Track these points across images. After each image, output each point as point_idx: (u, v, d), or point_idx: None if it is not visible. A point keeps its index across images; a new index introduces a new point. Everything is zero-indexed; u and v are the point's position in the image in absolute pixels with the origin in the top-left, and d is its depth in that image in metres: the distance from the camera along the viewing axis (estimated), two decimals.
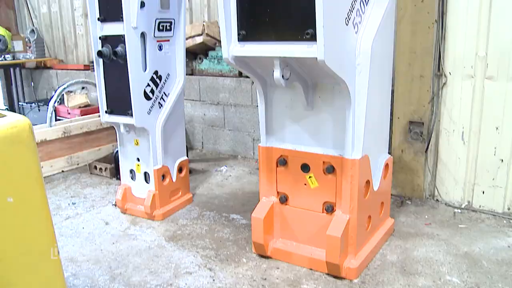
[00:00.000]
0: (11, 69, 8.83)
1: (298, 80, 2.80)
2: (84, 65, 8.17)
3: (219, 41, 5.59)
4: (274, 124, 3.17)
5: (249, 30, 2.65)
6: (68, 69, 8.49)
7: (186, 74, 4.26)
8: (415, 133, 4.29)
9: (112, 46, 3.74)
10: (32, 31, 8.82)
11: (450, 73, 4.11)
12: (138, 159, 4.12)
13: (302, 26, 2.44)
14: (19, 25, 9.75)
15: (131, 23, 3.56)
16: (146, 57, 3.78)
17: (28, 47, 8.97)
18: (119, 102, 3.90)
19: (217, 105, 5.91)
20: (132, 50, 3.63)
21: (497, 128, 3.97)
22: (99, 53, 3.76)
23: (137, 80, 3.74)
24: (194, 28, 5.64)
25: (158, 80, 3.91)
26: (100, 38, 3.81)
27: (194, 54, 5.92)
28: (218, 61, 5.65)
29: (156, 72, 3.87)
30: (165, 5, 3.80)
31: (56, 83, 8.67)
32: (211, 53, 5.76)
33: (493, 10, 3.84)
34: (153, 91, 3.89)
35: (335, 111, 2.93)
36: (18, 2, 9.59)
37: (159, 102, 3.97)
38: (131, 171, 4.22)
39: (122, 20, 3.57)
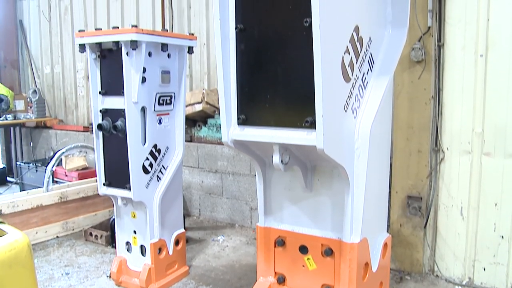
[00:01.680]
0: (11, 128, 8.90)
1: (297, 164, 2.80)
2: (84, 127, 8.22)
3: (218, 109, 5.65)
4: (272, 205, 3.15)
5: (249, 114, 2.68)
6: (67, 130, 8.54)
7: (185, 141, 4.28)
8: (414, 208, 4.27)
9: (113, 119, 3.77)
10: (34, 91, 8.94)
11: (447, 148, 4.14)
12: (135, 232, 4.07)
13: (302, 114, 2.47)
14: (22, 84, 9.90)
15: (132, 98, 3.61)
16: (145, 131, 3.81)
17: (29, 107, 9.07)
18: (117, 175, 3.89)
19: (215, 173, 5.91)
20: (132, 124, 3.66)
21: (496, 204, 3.96)
22: (99, 127, 3.79)
23: (136, 154, 3.75)
24: (194, 95, 5.72)
25: (157, 154, 3.92)
26: (100, 111, 3.85)
27: (193, 121, 5.98)
28: (217, 129, 5.70)
29: (155, 146, 3.89)
30: (166, 80, 3.86)
31: (55, 143, 8.70)
32: (210, 120, 5.81)
33: (487, 87, 3.92)
34: (152, 164, 3.90)
35: (333, 193, 2.92)
36: (23, 62, 9.77)
37: (157, 176, 3.97)
38: (127, 243, 4.16)
39: (123, 95, 3.62)
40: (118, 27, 3.61)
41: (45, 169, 6.03)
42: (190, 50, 4.02)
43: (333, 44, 2.44)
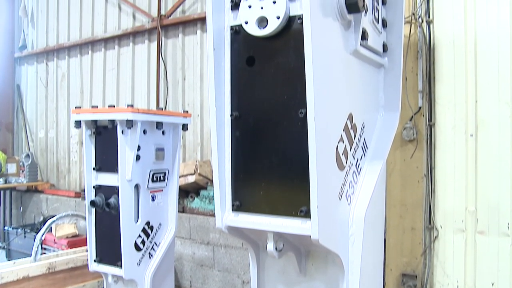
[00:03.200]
0: (1, 192, 8.82)
1: (291, 249, 2.78)
2: (76, 192, 8.16)
3: (211, 181, 5.65)
4: None
5: (243, 201, 2.68)
6: (59, 195, 8.46)
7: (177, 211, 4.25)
8: (409, 286, 4.21)
9: (106, 196, 3.76)
10: (27, 155, 8.92)
11: (441, 226, 4.13)
12: None
13: (296, 202, 2.47)
14: (15, 147, 9.91)
15: (126, 175, 3.61)
16: (138, 208, 3.79)
17: (21, 171, 9.02)
18: (108, 251, 3.84)
19: (207, 245, 5.83)
20: (125, 202, 3.65)
21: (493, 284, 3.91)
22: (92, 203, 3.77)
23: (129, 232, 3.71)
24: (186, 167, 5.73)
25: (149, 231, 3.89)
26: (94, 187, 3.84)
27: (186, 192, 5.96)
28: (209, 201, 5.67)
29: (148, 223, 3.87)
30: (160, 157, 3.89)
31: (45, 208, 8.60)
32: (202, 192, 5.80)
33: (479, 166, 3.97)
34: (144, 242, 3.85)
35: (328, 279, 2.87)
36: (18, 125, 9.83)
37: (149, 253, 3.92)
38: None
39: (117, 172, 3.63)
40: (114, 106, 3.69)
41: (34, 236, 5.93)
42: (185, 127, 4.07)
43: (327, 134, 2.48)
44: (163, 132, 3.90)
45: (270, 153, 2.57)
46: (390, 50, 3.23)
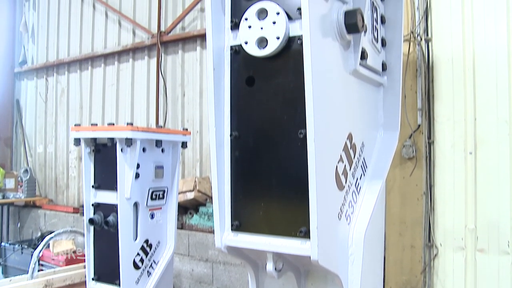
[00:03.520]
0: None
1: (290, 269, 2.76)
2: (74, 208, 8.13)
3: (210, 197, 5.64)
4: None
5: (242, 221, 2.66)
6: (57, 210, 8.43)
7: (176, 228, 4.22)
8: None
9: (104, 214, 3.75)
10: (26, 170, 8.90)
11: (441, 244, 4.12)
12: None
13: (296, 223, 2.46)
14: (14, 162, 9.90)
15: (125, 193, 3.60)
16: (137, 226, 3.77)
17: (19, 186, 8.99)
18: (107, 269, 3.82)
19: (206, 262, 5.80)
20: (124, 220, 3.64)
21: None
22: (91, 221, 3.75)
23: (127, 250, 3.69)
24: (185, 183, 5.72)
25: (148, 249, 3.87)
26: (92, 205, 3.83)
27: (185, 208, 5.94)
28: (208, 218, 5.65)
29: (146, 241, 3.85)
30: (159, 175, 3.88)
31: (43, 224, 8.56)
32: (201, 208, 5.78)
33: (478, 184, 3.97)
34: (143, 260, 3.83)
35: None
36: (17, 140, 9.83)
37: (148, 271, 3.89)
38: None
39: (116, 190, 3.62)
40: (113, 124, 3.68)
41: (31, 252, 5.89)
42: (184, 145, 4.07)
43: (327, 154, 2.48)
44: (162, 150, 3.90)
45: (270, 173, 2.57)
46: (390, 69, 3.24)
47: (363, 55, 2.78)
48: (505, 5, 3.99)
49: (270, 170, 2.57)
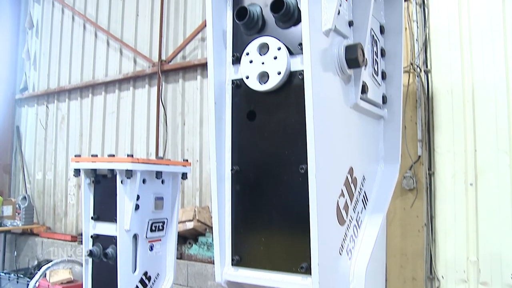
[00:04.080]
0: None
1: None
2: (72, 236, 8.05)
3: (210, 227, 5.60)
4: None
5: (243, 256, 2.63)
6: (54, 239, 8.35)
7: None
8: None
9: (103, 246, 3.71)
10: (24, 198, 8.85)
11: (442, 276, 4.08)
12: None
13: (297, 258, 2.43)
14: (12, 188, 9.87)
15: (124, 225, 3.57)
16: (136, 258, 3.73)
17: (17, 213, 8.93)
18: None
19: None
20: (123, 252, 3.59)
21: None
22: (89, 253, 3.71)
23: (126, 283, 3.63)
24: (185, 213, 5.69)
25: (147, 281, 3.81)
26: (91, 236, 3.79)
27: (184, 238, 5.89)
28: (207, 248, 5.61)
29: (145, 273, 3.80)
30: (159, 206, 3.85)
31: (40, 252, 8.48)
32: (201, 238, 5.74)
33: (479, 215, 3.96)
34: None
35: None
36: (16, 167, 9.81)
37: None
38: None
39: (116, 221, 3.59)
40: (113, 155, 3.67)
41: (27, 282, 5.83)
42: (184, 176, 4.05)
43: (328, 189, 2.47)
44: (162, 181, 3.88)
45: (271, 208, 2.55)
46: (390, 102, 3.25)
47: (364, 89, 2.79)
48: (502, 37, 4.04)
49: (271, 205, 2.55)
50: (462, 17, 4.26)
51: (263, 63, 2.49)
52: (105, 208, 3.73)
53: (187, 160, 4.16)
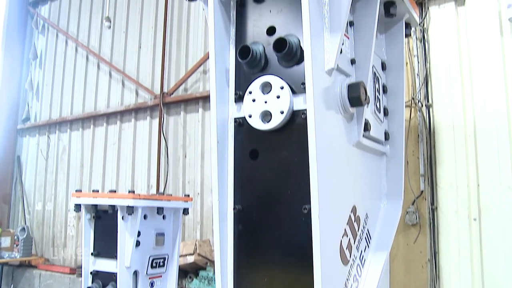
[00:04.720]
0: None
1: None
2: (70, 269, 7.94)
3: (211, 261, 5.54)
4: None
5: None
6: (53, 271, 8.24)
7: None
8: None
9: (103, 282, 3.66)
10: (23, 229, 8.76)
11: None
12: None
13: None
14: (11, 219, 9.78)
15: (125, 262, 3.53)
16: None
17: (15, 245, 8.83)
18: None
19: None
20: None
21: None
22: None
23: None
24: (186, 246, 5.63)
25: None
26: (91, 272, 3.74)
27: (185, 271, 5.82)
28: (208, 282, 5.53)
29: None
30: (160, 242, 3.82)
31: (38, 285, 8.35)
32: (201, 272, 5.66)
33: (484, 251, 3.92)
34: None
35: None
36: (15, 197, 9.75)
37: None
38: None
39: (116, 258, 3.55)
40: (115, 190, 3.66)
41: None
42: (186, 211, 4.03)
43: (331, 229, 2.44)
44: (163, 217, 3.85)
45: (273, 249, 2.52)
46: (392, 138, 3.25)
47: (366, 127, 2.79)
48: (502, 71, 4.06)
49: (273, 245, 2.52)
50: (462, 51, 4.30)
51: (266, 102, 2.49)
52: (105, 244, 3.70)
53: (188, 195, 4.14)
